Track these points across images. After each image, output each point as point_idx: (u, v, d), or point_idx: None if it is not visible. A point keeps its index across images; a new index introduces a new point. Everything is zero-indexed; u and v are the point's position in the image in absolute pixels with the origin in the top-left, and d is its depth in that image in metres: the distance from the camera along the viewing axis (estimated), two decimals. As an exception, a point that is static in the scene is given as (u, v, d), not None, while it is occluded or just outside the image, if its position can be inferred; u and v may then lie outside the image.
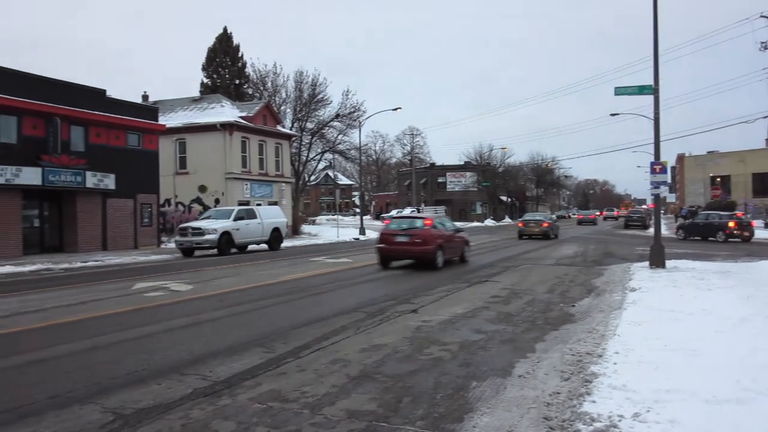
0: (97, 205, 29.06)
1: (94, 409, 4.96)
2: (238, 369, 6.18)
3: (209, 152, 38.83)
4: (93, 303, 11.03)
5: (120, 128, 30.29)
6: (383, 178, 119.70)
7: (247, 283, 14.01)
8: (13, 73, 25.59)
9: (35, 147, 25.93)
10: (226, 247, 25.58)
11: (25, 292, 13.32)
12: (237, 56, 57.72)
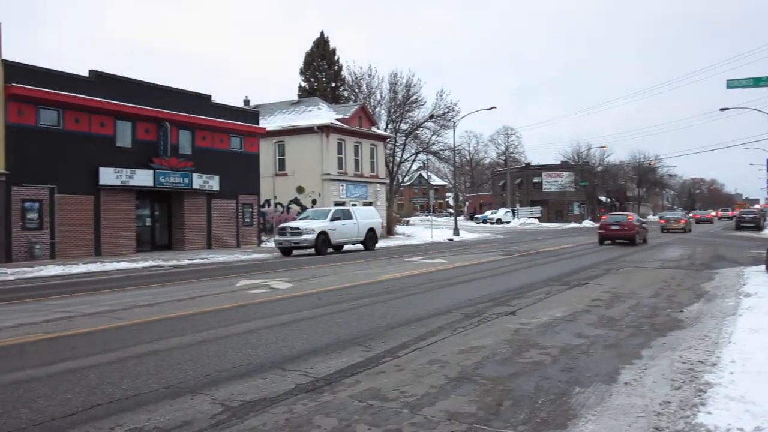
0: (203, 206, 30.44)
1: (204, 400, 5.19)
2: (337, 366, 6.29)
3: (307, 154, 39.82)
4: (200, 299, 11.59)
5: (224, 132, 31.60)
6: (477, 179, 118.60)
7: (345, 282, 14.26)
8: (129, 81, 27.26)
9: (147, 150, 27.51)
10: (323, 247, 26.13)
11: (139, 287, 14.18)
12: (333, 60, 58.89)
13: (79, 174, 24.93)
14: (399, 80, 52.36)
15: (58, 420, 4.72)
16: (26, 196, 23.35)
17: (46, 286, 15.41)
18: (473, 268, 17.64)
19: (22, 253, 23.03)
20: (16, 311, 10.37)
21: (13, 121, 22.97)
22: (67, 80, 24.74)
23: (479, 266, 18.47)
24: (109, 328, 8.59)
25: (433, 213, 56.97)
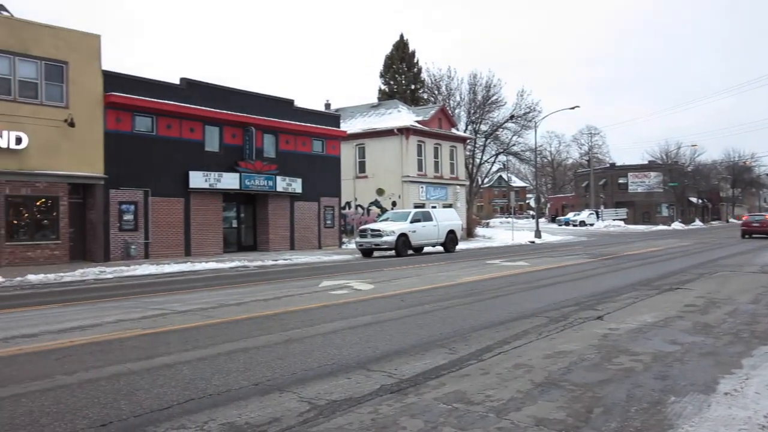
0: (286, 208, 31.18)
1: (291, 398, 5.30)
2: (421, 368, 6.28)
3: (387, 156, 40.09)
4: (285, 298, 11.87)
5: (306, 135, 32.27)
6: (559, 180, 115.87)
7: (426, 284, 14.25)
8: (216, 87, 28.31)
9: (234, 154, 28.46)
10: (404, 249, 26.22)
11: (227, 286, 14.67)
12: (413, 62, 59.03)
13: (171, 177, 26.07)
14: (478, 81, 51.95)
15: (156, 412, 4.93)
16: (123, 198, 24.64)
17: (140, 284, 16.19)
18: (557, 271, 17.24)
19: (118, 252, 24.31)
20: (115, 308, 10.95)
21: (111, 128, 24.30)
22: (160, 88, 25.95)
23: (563, 269, 18.04)
24: (201, 325, 8.93)
25: (513, 215, 56.08)
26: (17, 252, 21.92)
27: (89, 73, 23.85)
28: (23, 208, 22.48)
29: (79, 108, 23.39)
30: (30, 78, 22.44)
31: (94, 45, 24.14)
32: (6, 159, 21.56)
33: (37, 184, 22.47)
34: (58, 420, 4.71)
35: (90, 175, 23.81)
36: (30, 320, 9.72)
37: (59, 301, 12.57)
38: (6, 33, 21.84)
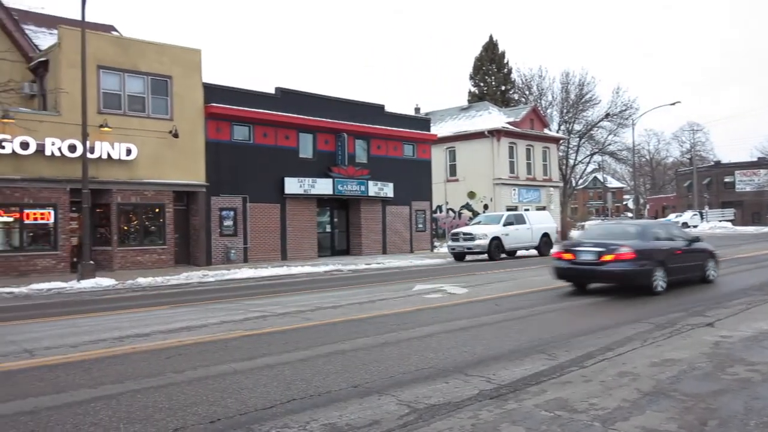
0: (378, 212, 31.46)
1: (390, 401, 5.33)
2: (520, 374, 6.16)
3: (478, 159, 39.73)
4: (380, 302, 11.97)
5: (397, 140, 32.46)
6: (658, 180, 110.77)
7: (521, 288, 13.98)
8: (310, 95, 29.00)
9: (326, 160, 29.03)
10: (496, 252, 25.86)
11: (323, 290, 14.97)
12: (503, 63, 58.25)
13: (267, 184, 26.92)
14: (571, 79, 50.66)
15: (260, 411, 5.08)
16: (223, 205, 25.67)
17: (241, 287, 16.79)
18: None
19: (219, 257, 25.34)
20: (219, 309, 11.41)
21: (211, 138, 25.40)
22: (256, 98, 26.88)
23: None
24: (299, 327, 9.15)
25: (610, 217, 54.14)
26: (128, 256, 23.27)
27: (191, 86, 25.03)
28: (133, 215, 23.85)
29: (182, 119, 24.58)
30: (138, 93, 23.80)
31: (195, 59, 25.31)
32: (117, 169, 22.95)
33: (145, 193, 23.79)
34: (171, 416, 4.95)
35: (193, 183, 24.96)
36: (142, 321, 10.28)
37: (167, 303, 13.23)
38: (117, 52, 23.27)
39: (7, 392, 5.74)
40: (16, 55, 23.40)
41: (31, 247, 21.45)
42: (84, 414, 5.01)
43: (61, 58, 21.95)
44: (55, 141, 21.32)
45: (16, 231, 21.24)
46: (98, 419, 4.88)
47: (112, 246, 22.89)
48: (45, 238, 21.75)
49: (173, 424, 4.76)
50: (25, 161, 21.00)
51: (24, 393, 5.69)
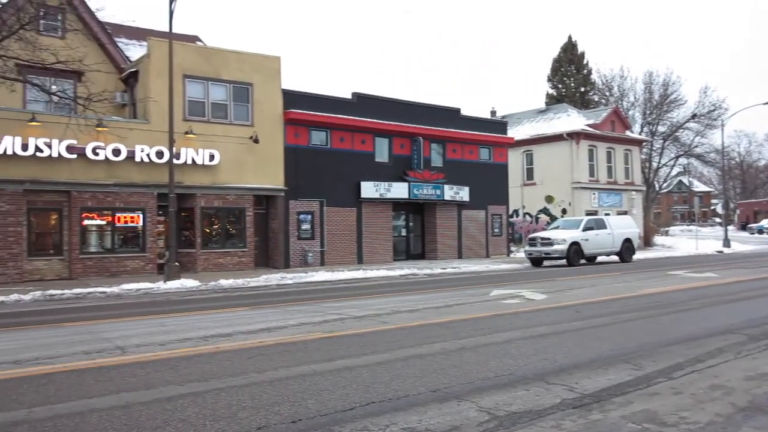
0: (454, 216, 31.32)
1: (470, 407, 5.26)
2: (604, 384, 5.96)
3: (556, 162, 38.93)
4: (456, 306, 11.89)
5: (473, 143, 32.23)
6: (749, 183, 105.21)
7: (603, 295, 13.57)
8: (386, 100, 29.25)
9: (402, 164, 29.16)
10: (575, 258, 25.23)
11: (399, 293, 15.01)
12: (582, 64, 56.92)
13: (344, 188, 27.29)
14: (654, 79, 48.91)
15: (340, 413, 5.12)
16: (301, 209, 26.20)
17: (318, 290, 17.06)
18: (753, 284, 15.62)
19: (297, 260, 25.85)
20: (298, 311, 11.63)
21: (290, 143, 25.99)
22: (333, 103, 27.33)
23: (761, 282, 16.32)
24: (377, 330, 9.19)
25: (696, 222, 51.80)
26: (210, 259, 24.09)
27: (271, 93, 25.70)
28: (215, 218, 24.69)
29: (262, 125, 25.27)
30: (221, 100, 24.66)
31: (274, 66, 25.98)
32: (201, 174, 23.82)
33: (227, 197, 24.58)
34: (254, 414, 5.06)
35: (272, 188, 25.61)
36: (224, 321, 10.60)
37: (248, 304, 13.60)
38: (201, 61, 24.18)
39: (102, 387, 6.02)
40: (109, 67, 24.68)
41: (122, 249, 22.55)
42: (172, 410, 5.19)
43: (150, 68, 23.00)
44: (144, 147, 22.34)
45: (108, 233, 22.40)
46: (186, 416, 5.04)
47: (195, 248, 23.75)
48: (134, 240, 22.82)
49: (256, 422, 4.86)
50: (117, 167, 22.11)
51: (117, 388, 5.96)
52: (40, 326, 10.85)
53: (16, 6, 19.01)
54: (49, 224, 21.89)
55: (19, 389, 5.95)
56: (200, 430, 4.67)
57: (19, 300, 15.65)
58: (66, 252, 21.72)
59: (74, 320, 11.38)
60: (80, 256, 21.71)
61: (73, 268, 21.57)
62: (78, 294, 16.78)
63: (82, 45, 22.27)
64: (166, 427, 4.72)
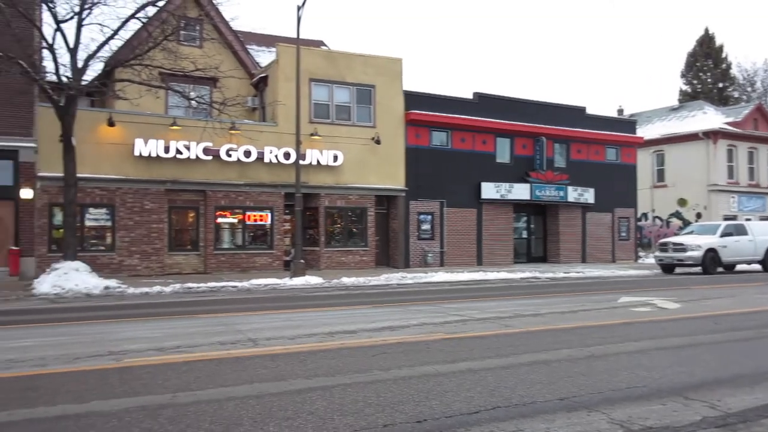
0: (577, 219, 30.30)
1: (600, 418, 5.05)
2: (751, 403, 5.51)
3: (689, 163, 36.66)
4: (582, 312, 11.47)
5: (598, 143, 31.02)
6: None
7: (744, 306, 12.59)
8: (507, 99, 28.82)
9: (524, 165, 28.59)
10: (711, 266, 23.60)
11: (520, 297, 14.73)
12: (720, 58, 53.20)
13: (464, 189, 27.15)
14: (806, 72, 44.63)
15: (465, 416, 5.08)
16: (421, 209, 26.37)
17: (438, 290, 17.07)
18: None
19: (417, 260, 26.03)
20: (419, 311, 11.69)
21: (411, 143, 26.22)
22: (453, 103, 27.27)
23: None
24: (499, 334, 9.05)
25: None
26: (333, 257, 24.80)
27: (392, 94, 26.05)
28: (338, 217, 25.39)
29: (384, 126, 25.66)
30: (344, 102, 25.32)
31: (396, 68, 26.31)
32: (325, 174, 24.57)
33: (349, 197, 25.20)
34: (379, 412, 5.13)
35: (393, 188, 25.96)
36: (348, 318, 10.86)
37: (370, 302, 13.85)
38: (326, 65, 24.94)
39: (237, 377, 6.35)
40: (241, 73, 26.05)
41: (251, 246, 23.72)
42: (301, 402, 5.38)
43: (279, 73, 24.03)
44: (273, 149, 23.37)
45: (239, 231, 23.65)
46: (314, 408, 5.20)
47: (319, 247, 24.54)
48: (263, 238, 23.95)
49: (382, 420, 4.93)
50: (248, 168, 23.28)
51: (250, 378, 6.27)
52: (179, 317, 11.62)
53: (160, 19, 20.47)
54: (187, 221, 23.43)
55: (164, 375, 6.40)
56: (328, 423, 4.80)
57: (161, 291, 16.87)
58: (201, 248, 23.16)
59: (210, 312, 12.10)
60: (214, 252, 23.07)
61: (207, 262, 22.96)
62: (212, 287, 17.83)
63: (218, 53, 23.63)
64: (296, 419, 4.90)
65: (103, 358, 7.30)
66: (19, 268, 19.85)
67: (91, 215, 21.54)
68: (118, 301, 15.16)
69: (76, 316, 11.91)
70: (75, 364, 6.96)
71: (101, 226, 21.76)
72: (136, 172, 21.89)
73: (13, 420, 4.89)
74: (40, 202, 20.55)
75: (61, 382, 6.08)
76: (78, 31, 18.45)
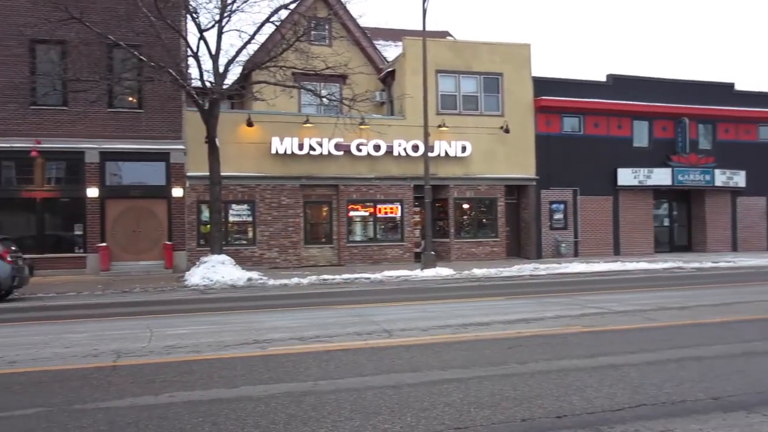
0: (726, 205, 28.21)
1: (762, 420, 4.67)
2: None
3: None
4: (737, 305, 10.67)
5: (750, 121, 28.65)
6: None
7: None
8: (644, 80, 27.33)
9: (663, 148, 27.00)
10: None
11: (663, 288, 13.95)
12: None
13: (598, 176, 26.05)
14: None
15: (608, 413, 4.88)
16: (552, 198, 25.62)
17: (573, 282, 16.53)
18: None
19: (549, 250, 25.36)
20: (553, 303, 11.37)
21: (541, 131, 25.53)
22: (585, 87, 26.22)
23: None
24: (642, 327, 8.61)
25: None
26: (463, 248, 24.71)
27: (520, 81, 25.45)
28: (467, 209, 25.25)
29: (512, 115, 25.14)
30: (471, 92, 25.09)
31: (524, 54, 25.66)
32: (454, 166, 24.51)
33: (478, 187, 24.98)
34: (517, 405, 5.05)
35: (523, 177, 25.41)
36: (481, 310, 10.77)
37: (502, 294, 13.67)
38: (452, 55, 24.82)
39: (374, 367, 6.49)
40: (369, 68, 26.52)
41: (382, 238, 24.18)
42: (438, 394, 5.40)
43: (406, 66, 24.23)
44: (401, 142, 23.64)
45: (370, 224, 24.18)
46: (451, 400, 5.21)
47: (449, 238, 24.55)
48: (393, 230, 24.33)
49: (520, 414, 4.84)
50: (377, 161, 23.72)
51: (387, 369, 6.39)
52: (317, 307, 12.08)
53: (292, 21, 21.28)
54: (321, 215, 24.28)
55: (305, 363, 6.68)
56: (465, 415, 4.79)
57: (299, 283, 17.61)
58: (335, 240, 23.92)
59: (345, 303, 12.48)
60: (347, 245, 23.74)
61: (341, 255, 23.68)
62: (346, 279, 18.36)
63: (346, 50, 24.22)
64: (432, 410, 4.93)
65: (249, 346, 7.74)
66: (173, 262, 21.51)
67: (233, 211, 22.90)
68: (260, 292, 16.01)
69: (224, 306, 12.72)
70: (225, 351, 7.44)
71: (243, 221, 23.08)
72: (273, 170, 22.97)
73: (174, 401, 5.31)
74: (189, 200, 22.13)
75: (214, 368, 6.52)
76: (219, 38, 19.65)
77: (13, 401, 5.43)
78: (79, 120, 20.84)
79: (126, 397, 5.46)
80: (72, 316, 11.46)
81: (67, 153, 20.92)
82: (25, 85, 20.31)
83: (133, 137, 21.32)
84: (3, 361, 7.11)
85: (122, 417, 4.89)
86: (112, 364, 6.84)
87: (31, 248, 19.37)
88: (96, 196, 21.09)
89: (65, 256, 20.91)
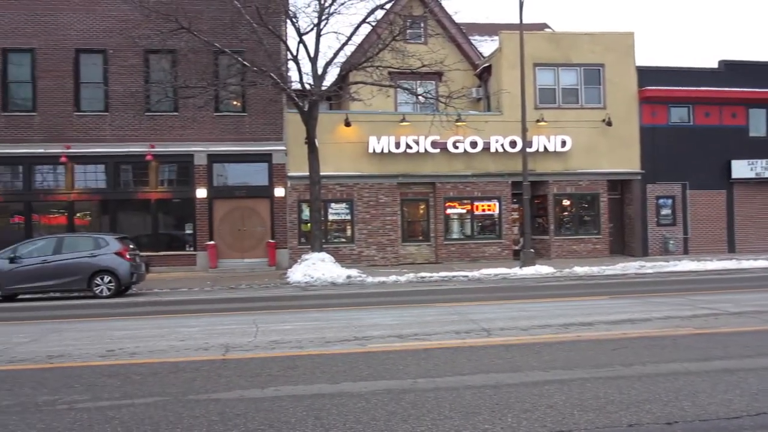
0: None
1: None
2: None
3: None
4: None
5: None
6: None
7: None
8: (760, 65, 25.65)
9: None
10: None
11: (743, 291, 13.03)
12: None
13: (709, 168, 24.67)
14: None
15: (723, 420, 4.64)
16: (659, 193, 24.50)
17: (681, 281, 15.77)
18: None
19: (656, 247, 24.25)
20: (662, 303, 10.89)
21: (646, 123, 24.46)
22: (694, 75, 24.90)
23: None
24: (760, 330, 8.09)
25: None
26: (564, 245, 24.05)
27: (623, 72, 24.43)
28: (567, 205, 24.55)
29: (615, 106, 24.19)
30: (571, 85, 24.35)
31: (627, 43, 24.63)
32: (552, 161, 23.90)
33: (579, 183, 24.23)
34: (623, 410, 4.88)
35: (627, 171, 24.41)
36: (583, 309, 10.47)
37: (605, 293, 13.22)
38: (550, 48, 24.19)
39: (473, 366, 6.47)
40: (465, 65, 26.30)
41: (480, 236, 23.97)
42: (539, 395, 5.31)
43: (502, 61, 23.87)
44: (498, 138, 23.33)
45: (467, 221, 24.04)
46: (553, 402, 5.10)
47: (548, 235, 24.00)
48: (491, 227, 24.06)
49: (627, 419, 4.68)
50: (474, 158, 23.54)
51: (486, 368, 6.34)
52: (415, 305, 12.16)
53: (388, 21, 21.46)
54: (418, 213, 24.36)
55: (404, 361, 6.75)
56: (568, 418, 4.69)
57: (397, 280, 17.77)
58: (432, 238, 23.93)
59: (443, 301, 12.48)
60: (444, 242, 23.69)
61: (438, 252, 23.67)
62: (444, 277, 18.34)
63: (442, 47, 24.12)
64: (534, 411, 4.86)
65: (349, 342, 7.91)
66: (275, 259, 22.27)
67: (333, 210, 23.41)
68: (359, 289, 16.30)
69: (324, 302, 13.06)
70: (326, 347, 7.64)
71: (342, 219, 23.54)
72: (370, 168, 23.28)
73: (279, 395, 5.52)
74: (290, 199, 22.83)
75: (316, 364, 6.71)
76: (317, 41, 20.13)
77: (134, 390, 5.82)
78: (188, 124, 21.99)
79: (234, 390, 5.72)
80: (184, 311, 12.14)
81: (178, 156, 22.13)
82: (140, 93, 21.65)
83: (237, 139, 22.26)
84: (125, 353, 7.64)
85: (231, 408, 5.13)
86: (222, 357, 7.19)
87: (146, 246, 20.65)
88: (204, 197, 22.18)
89: (177, 254, 22.14)
